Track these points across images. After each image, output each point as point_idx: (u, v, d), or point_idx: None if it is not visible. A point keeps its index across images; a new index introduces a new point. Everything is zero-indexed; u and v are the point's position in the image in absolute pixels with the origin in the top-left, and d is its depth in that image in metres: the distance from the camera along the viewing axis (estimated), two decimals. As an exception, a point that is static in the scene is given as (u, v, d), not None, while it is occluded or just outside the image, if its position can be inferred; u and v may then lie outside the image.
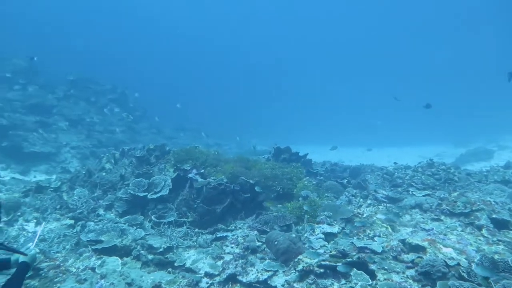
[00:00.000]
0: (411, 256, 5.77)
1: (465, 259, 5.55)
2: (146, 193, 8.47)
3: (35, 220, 8.41)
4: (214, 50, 79.66)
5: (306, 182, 9.05)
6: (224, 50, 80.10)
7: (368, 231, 6.78)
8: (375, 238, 6.47)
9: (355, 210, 7.80)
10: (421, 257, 5.61)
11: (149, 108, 29.47)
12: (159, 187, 8.55)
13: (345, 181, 10.22)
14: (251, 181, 8.37)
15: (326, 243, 6.44)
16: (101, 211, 8.58)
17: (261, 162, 10.16)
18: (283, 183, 8.77)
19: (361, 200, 8.65)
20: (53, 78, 25.22)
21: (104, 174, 9.98)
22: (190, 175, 8.62)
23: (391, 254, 5.90)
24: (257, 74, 77.81)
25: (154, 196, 8.37)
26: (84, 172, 10.28)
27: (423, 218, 7.32)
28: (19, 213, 8.64)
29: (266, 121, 51.65)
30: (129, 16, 75.85)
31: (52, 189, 9.86)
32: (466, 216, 7.00)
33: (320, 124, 49.74)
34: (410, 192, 8.77)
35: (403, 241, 6.21)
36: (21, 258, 2.81)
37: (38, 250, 3.42)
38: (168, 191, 8.48)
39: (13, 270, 2.78)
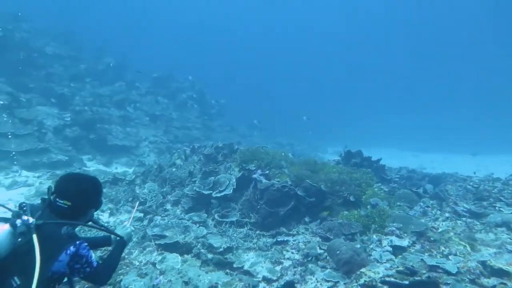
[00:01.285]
0: (492, 281, 5.08)
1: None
2: (211, 191, 8.55)
3: (109, 211, 8.92)
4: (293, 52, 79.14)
5: (376, 189, 8.50)
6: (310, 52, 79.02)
7: (443, 248, 6.11)
8: (450, 257, 5.81)
9: (430, 223, 7.12)
10: (505, 284, 4.92)
11: (228, 105, 29.89)
12: (223, 186, 8.58)
13: (421, 190, 9.44)
14: (316, 185, 8.06)
15: (393, 257, 5.96)
16: (168, 206, 8.84)
17: (329, 165, 9.75)
18: (351, 189, 8.32)
19: (438, 212, 7.89)
20: (139, 75, 26.85)
21: (174, 169, 10.30)
22: (254, 176, 8.52)
23: (468, 276, 5.24)
24: (334, 74, 75.77)
25: (219, 195, 8.42)
26: (155, 167, 10.72)
27: (511, 239, 6.45)
28: (96, 203, 9.23)
29: (343, 121, 49.88)
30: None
31: (127, 182, 10.41)
32: None
33: (411, 126, 46.58)
34: (497, 208, 7.79)
35: (483, 263, 5.48)
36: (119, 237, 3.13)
37: (133, 228, 3.81)
38: (232, 190, 8.48)
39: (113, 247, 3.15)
